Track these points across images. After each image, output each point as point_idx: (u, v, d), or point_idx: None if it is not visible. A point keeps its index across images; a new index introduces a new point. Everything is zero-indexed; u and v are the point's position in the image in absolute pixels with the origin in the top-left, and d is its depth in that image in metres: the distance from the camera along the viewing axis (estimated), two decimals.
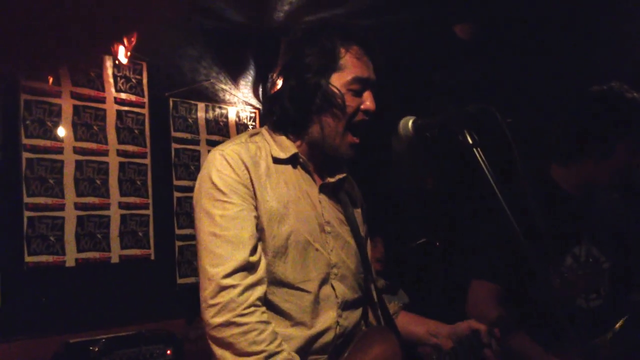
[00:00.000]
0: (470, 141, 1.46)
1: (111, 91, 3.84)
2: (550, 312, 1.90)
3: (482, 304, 2.17)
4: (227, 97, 4.50)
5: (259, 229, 1.59)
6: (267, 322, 1.51)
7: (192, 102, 4.28)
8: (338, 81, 1.66)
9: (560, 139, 2.29)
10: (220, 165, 1.60)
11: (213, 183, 1.58)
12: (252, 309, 1.49)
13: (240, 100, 4.58)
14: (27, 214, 3.43)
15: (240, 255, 1.51)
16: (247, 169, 1.61)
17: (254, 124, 4.64)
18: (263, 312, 1.52)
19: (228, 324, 1.47)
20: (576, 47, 4.27)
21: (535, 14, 4.17)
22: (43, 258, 3.47)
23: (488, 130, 1.52)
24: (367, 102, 1.69)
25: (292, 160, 1.71)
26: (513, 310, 1.89)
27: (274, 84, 1.77)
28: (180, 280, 4.08)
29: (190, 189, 4.09)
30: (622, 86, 2.22)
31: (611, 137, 2.17)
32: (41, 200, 3.48)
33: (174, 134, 4.16)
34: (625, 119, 2.18)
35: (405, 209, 5.32)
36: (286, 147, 1.71)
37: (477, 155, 1.45)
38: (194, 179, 4.12)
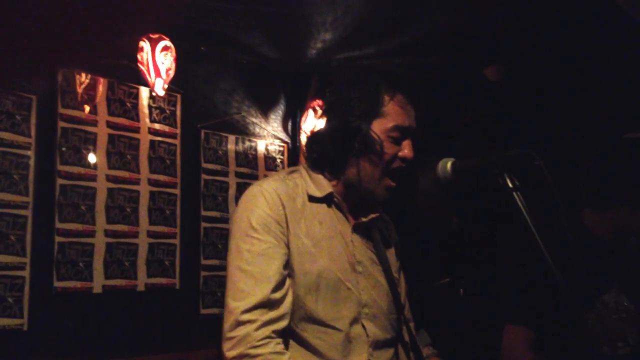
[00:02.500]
0: (511, 185, 1.48)
1: (145, 121, 3.91)
2: (582, 358, 1.89)
3: (517, 350, 2.15)
4: (257, 130, 4.56)
5: (290, 265, 1.61)
6: (281, 353, 1.51)
7: (223, 134, 4.34)
8: (379, 127, 1.69)
9: (594, 185, 2.29)
10: (256, 201, 1.63)
11: (247, 218, 1.61)
12: (266, 340, 1.49)
13: (269, 134, 4.64)
14: (57, 239, 3.48)
15: (262, 292, 1.52)
16: (282, 205, 1.63)
17: (282, 157, 4.69)
18: (278, 344, 1.52)
19: (242, 356, 1.48)
20: (609, 93, 4.27)
21: (568, 57, 4.19)
22: (71, 284, 3.50)
23: (523, 173, 1.54)
24: (406, 150, 1.71)
25: (327, 199, 1.73)
26: (547, 357, 1.88)
27: (315, 121, 1.81)
28: (203, 311, 4.08)
29: (218, 220, 4.19)
30: None
31: None
32: (72, 226, 3.53)
33: (204, 165, 4.21)
34: None
35: (430, 248, 5.30)
36: (322, 186, 1.73)
37: (517, 200, 1.46)
38: (222, 210, 4.22)
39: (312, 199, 1.71)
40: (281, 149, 4.70)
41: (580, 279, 1.48)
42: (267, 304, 1.53)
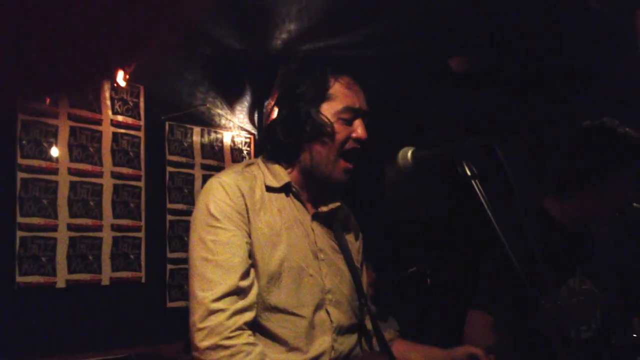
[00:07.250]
0: (469, 173, 1.50)
1: (108, 113, 3.85)
2: (545, 342, 1.92)
3: (479, 334, 2.19)
4: (223, 122, 4.53)
5: (252, 256, 1.62)
6: (254, 344, 1.52)
7: (188, 126, 4.31)
8: (328, 110, 1.72)
9: (555, 173, 2.34)
10: (217, 192, 1.64)
11: (208, 210, 1.62)
12: (238, 332, 1.51)
13: (235, 126, 4.61)
14: (19, 234, 3.42)
15: (231, 280, 1.54)
16: (242, 196, 1.65)
17: (248, 149, 4.67)
18: (250, 335, 1.54)
19: (215, 347, 1.49)
20: (570, 82, 4.34)
21: (529, 47, 4.24)
22: (34, 278, 3.45)
23: (485, 162, 1.55)
24: (358, 130, 1.74)
25: (285, 189, 1.76)
26: (509, 340, 1.91)
27: (270, 113, 1.83)
28: (170, 304, 4.05)
29: (183, 213, 4.15)
30: (613, 122, 2.27)
31: (605, 172, 2.21)
32: (34, 220, 3.47)
33: (169, 158, 4.17)
34: (618, 154, 2.22)
35: (398, 237, 5.34)
36: (279, 176, 1.75)
37: (476, 187, 1.48)
38: (188, 202, 4.18)
39: (269, 189, 1.73)
40: (247, 140, 4.68)
41: (539, 264, 1.50)
42: (236, 292, 1.54)
